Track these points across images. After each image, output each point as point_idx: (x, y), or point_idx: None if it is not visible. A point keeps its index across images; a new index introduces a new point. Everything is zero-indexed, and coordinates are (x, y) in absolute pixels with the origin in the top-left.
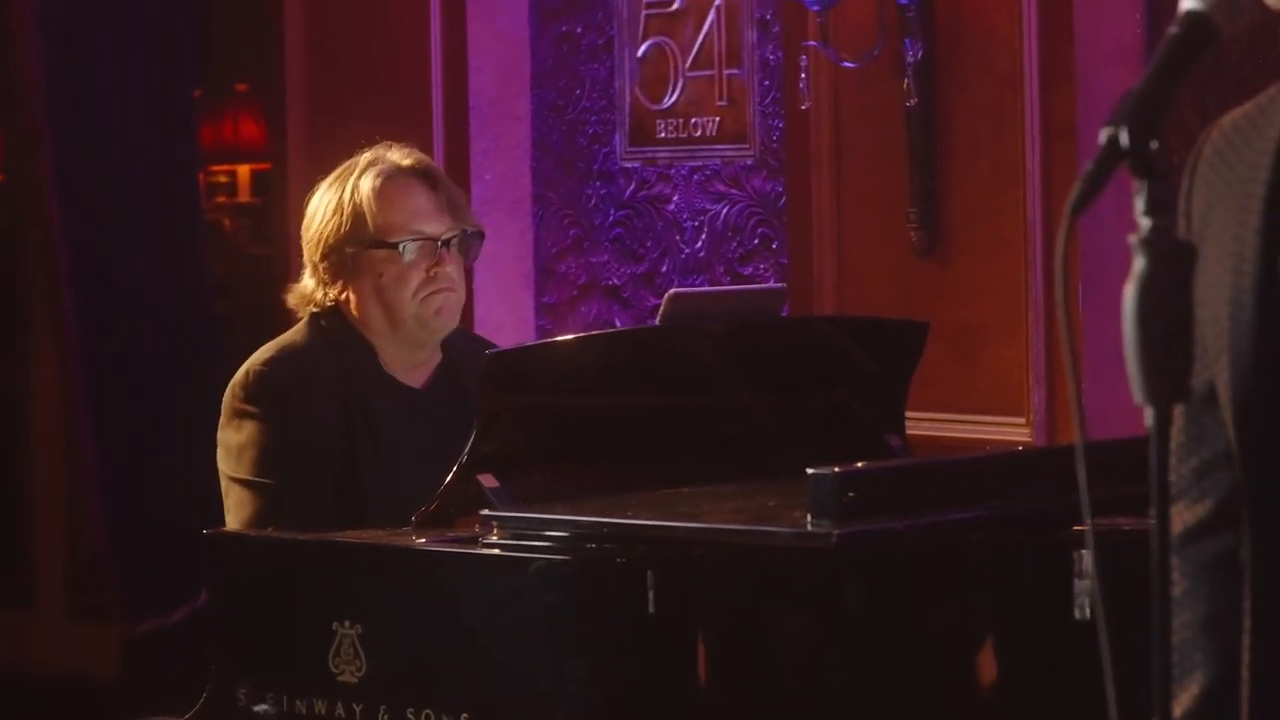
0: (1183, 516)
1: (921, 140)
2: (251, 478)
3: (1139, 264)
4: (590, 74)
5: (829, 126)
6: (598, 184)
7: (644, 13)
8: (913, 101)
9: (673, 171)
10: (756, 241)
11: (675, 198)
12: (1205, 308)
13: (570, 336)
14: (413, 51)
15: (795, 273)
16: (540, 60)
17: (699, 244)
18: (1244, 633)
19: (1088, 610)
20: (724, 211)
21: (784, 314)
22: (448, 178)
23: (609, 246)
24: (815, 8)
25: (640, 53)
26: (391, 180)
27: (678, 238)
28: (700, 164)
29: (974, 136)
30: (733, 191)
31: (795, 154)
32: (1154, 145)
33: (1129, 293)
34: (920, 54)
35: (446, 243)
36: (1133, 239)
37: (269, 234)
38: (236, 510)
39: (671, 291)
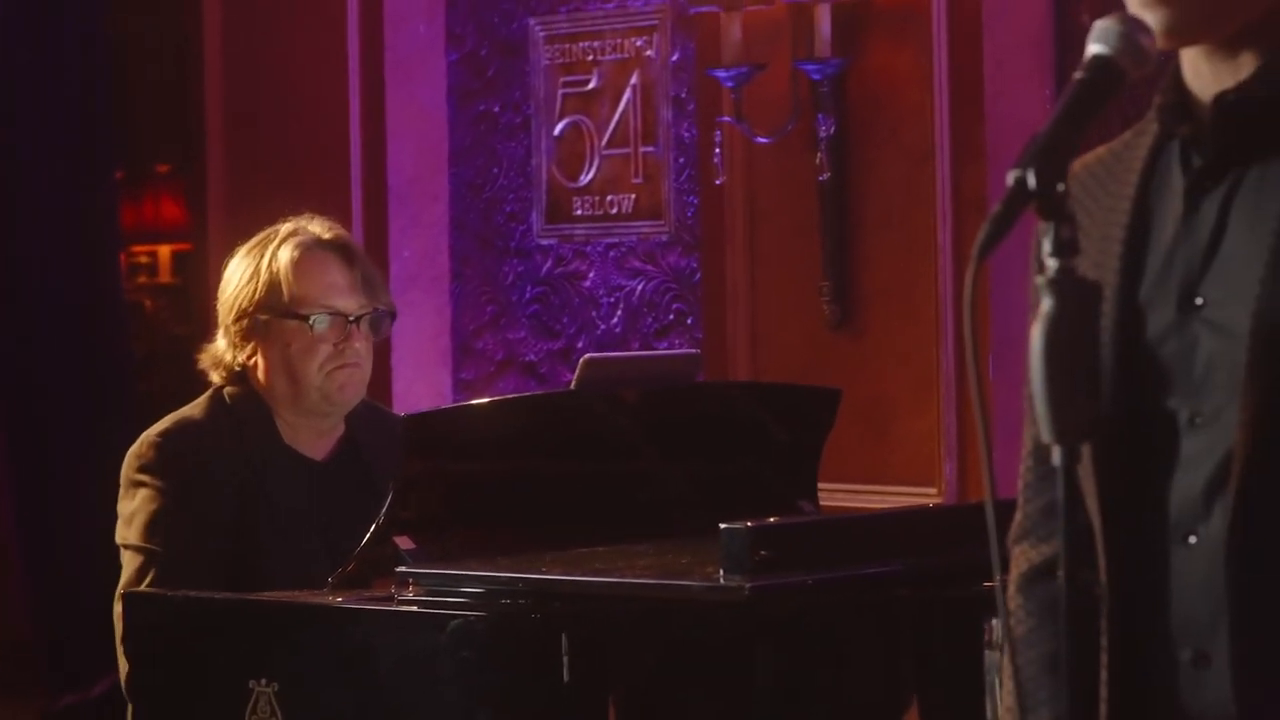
0: (1028, 555)
1: (834, 214)
2: (138, 543)
3: (1046, 304)
4: (507, 152)
5: (743, 201)
6: (515, 261)
7: (560, 91)
8: (825, 176)
9: (589, 248)
10: (672, 317)
11: (591, 274)
12: None
13: (486, 400)
14: (332, 131)
15: (710, 347)
16: (458, 139)
17: (615, 320)
18: (1101, 668)
19: (997, 694)
20: (639, 287)
21: (699, 380)
22: (364, 254)
23: (526, 323)
24: (730, 84)
25: (557, 131)
26: (309, 253)
27: (594, 314)
28: (616, 241)
29: (886, 211)
30: (648, 267)
31: (709, 229)
32: (1060, 187)
33: (1036, 333)
34: (833, 129)
35: (357, 320)
36: (1039, 280)
37: (190, 314)
38: (123, 574)
39: (586, 356)
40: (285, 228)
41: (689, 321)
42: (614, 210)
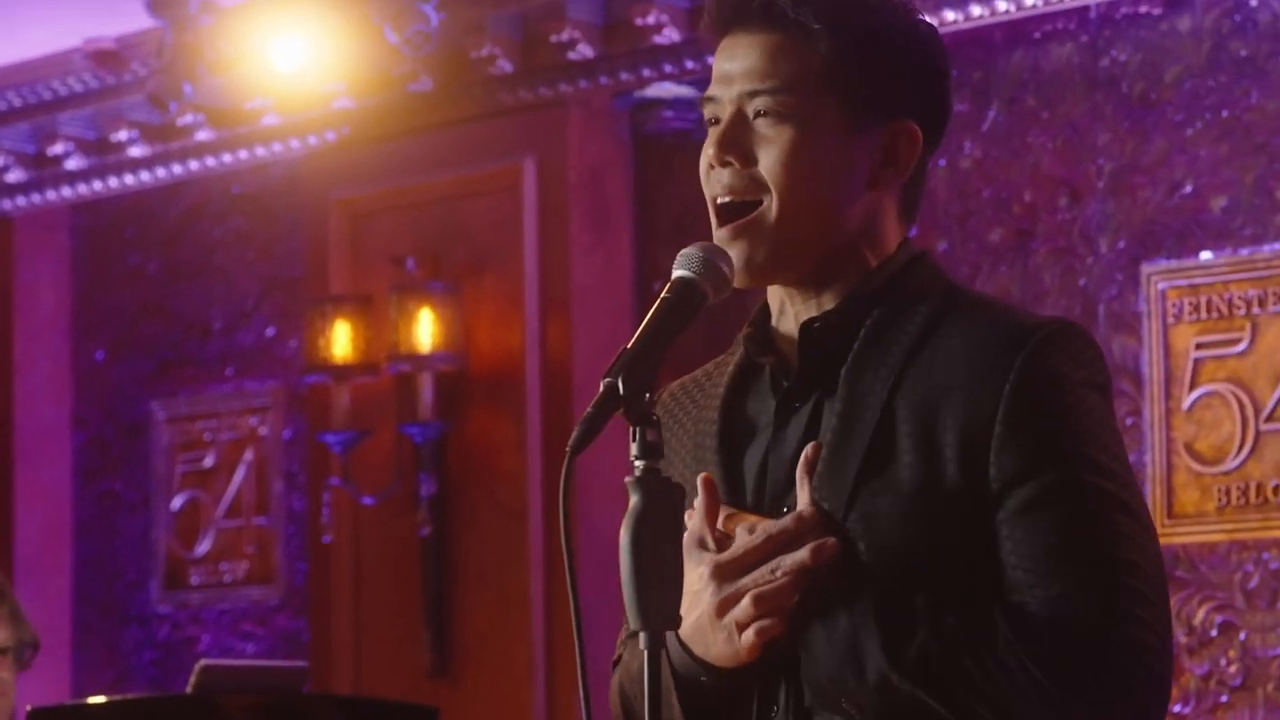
0: None
1: (434, 569)
2: None
3: (633, 501)
4: (129, 527)
5: (349, 559)
6: (134, 628)
7: (179, 469)
8: (426, 531)
9: (204, 614)
10: None
11: (205, 638)
12: None
13: (105, 699)
14: None
15: None
16: (82, 514)
17: None
18: None
19: None
20: (249, 649)
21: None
22: (10, 588)
23: (144, 685)
24: (338, 449)
25: (175, 506)
26: None
27: None
28: (229, 606)
29: (482, 565)
30: (259, 630)
31: (317, 590)
32: (647, 396)
33: (624, 528)
34: (434, 489)
35: (5, 652)
36: (627, 480)
37: None
38: None
39: (202, 662)
40: None
41: None
42: (228, 578)
